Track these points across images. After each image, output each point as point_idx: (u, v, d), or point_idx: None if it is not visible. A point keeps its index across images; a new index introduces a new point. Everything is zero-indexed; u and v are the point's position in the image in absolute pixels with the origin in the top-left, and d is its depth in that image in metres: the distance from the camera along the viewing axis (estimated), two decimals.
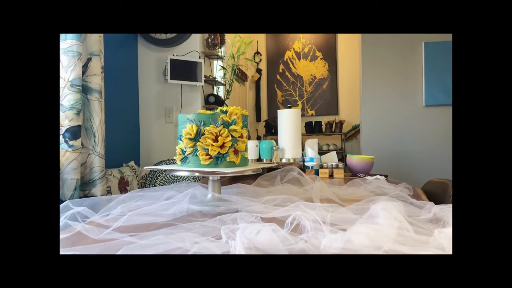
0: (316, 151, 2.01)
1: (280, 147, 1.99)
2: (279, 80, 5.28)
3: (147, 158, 2.66)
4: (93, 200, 0.98)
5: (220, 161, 0.97)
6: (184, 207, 0.95)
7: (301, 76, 5.21)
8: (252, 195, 1.13)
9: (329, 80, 5.14)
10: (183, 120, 1.01)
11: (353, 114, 4.94)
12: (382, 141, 3.09)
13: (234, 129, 0.98)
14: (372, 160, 2.00)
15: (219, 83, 2.89)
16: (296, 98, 5.24)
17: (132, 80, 2.61)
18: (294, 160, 1.96)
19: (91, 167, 1.73)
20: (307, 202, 0.84)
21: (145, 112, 2.68)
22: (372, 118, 3.11)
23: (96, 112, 1.72)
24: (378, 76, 3.08)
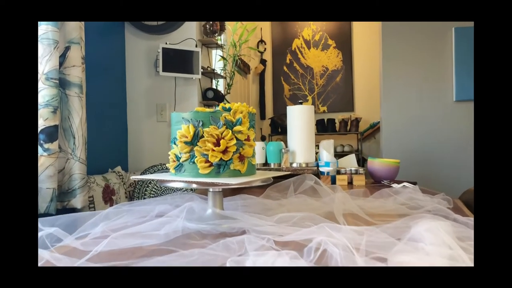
0: (332, 154, 1.93)
1: (290, 149, 1.91)
2: (286, 72, 5.22)
3: (136, 163, 2.61)
4: (68, 218, 0.91)
5: (222, 169, 0.89)
6: (179, 226, 0.88)
7: (311, 67, 5.15)
8: (261, 209, 1.06)
9: (343, 71, 5.07)
10: (177, 119, 0.94)
11: (371, 111, 4.88)
12: (406, 142, 3.01)
13: (239, 131, 0.90)
14: (397, 164, 1.93)
15: (218, 76, 2.83)
16: (305, 92, 5.17)
17: (118, 73, 2.57)
18: (307, 165, 1.89)
19: (70, 174, 1.67)
20: (333, 224, 0.76)
21: (133, 110, 2.63)
22: (394, 115, 3.03)
23: (76, 110, 1.67)
24: (401, 66, 3.01)
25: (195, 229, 0.89)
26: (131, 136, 2.63)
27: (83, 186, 1.68)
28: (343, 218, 0.95)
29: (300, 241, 0.71)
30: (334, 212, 1.01)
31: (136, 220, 1.00)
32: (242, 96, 4.35)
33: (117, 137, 2.52)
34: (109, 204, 1.99)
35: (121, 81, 2.59)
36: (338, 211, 1.01)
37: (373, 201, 1.19)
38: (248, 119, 0.94)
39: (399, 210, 1.10)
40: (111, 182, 2.07)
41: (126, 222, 0.96)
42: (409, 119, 3.00)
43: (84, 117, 1.72)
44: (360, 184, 1.80)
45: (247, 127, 0.92)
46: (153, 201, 1.17)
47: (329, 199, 1.15)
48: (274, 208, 1.05)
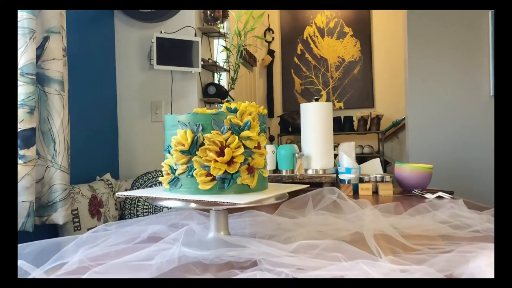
0: (353, 159, 1.86)
1: (305, 154, 1.84)
2: (297, 64, 5.18)
3: (127, 169, 2.57)
4: (39, 245, 0.84)
5: (227, 184, 0.81)
6: (175, 254, 0.80)
7: (326, 58, 5.10)
8: (274, 229, 0.98)
9: (362, 63, 5.01)
10: (172, 123, 0.85)
11: (394, 107, 4.82)
12: (436, 142, 2.94)
13: (247, 137, 0.82)
14: (430, 170, 1.86)
15: (221, 69, 2.79)
16: (319, 86, 5.11)
17: (106, 67, 2.52)
18: (324, 172, 1.82)
19: (51, 185, 1.62)
20: (367, 258, 0.67)
21: (124, 109, 2.60)
22: (422, 111, 2.96)
23: (57, 110, 1.62)
24: (430, 57, 2.93)
25: (194, 257, 0.81)
26: (122, 139, 2.60)
27: (65, 198, 1.62)
28: (374, 241, 0.86)
29: (329, 276, 0.62)
30: (363, 234, 0.93)
31: (123, 245, 0.92)
32: (247, 91, 4.30)
33: (106, 140, 2.48)
34: (96, 218, 1.92)
35: (110, 76, 2.55)
36: (368, 232, 0.93)
37: (407, 218, 1.12)
38: (258, 121, 0.86)
39: (441, 229, 1.03)
40: (98, 192, 2.00)
41: (110, 248, 0.89)
42: (440, 116, 2.93)
43: (66, 118, 1.67)
44: (387, 194, 1.73)
45: (257, 131, 0.84)
46: (145, 219, 1.09)
47: (355, 217, 1.08)
48: (290, 229, 0.97)
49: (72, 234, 1.81)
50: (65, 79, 1.67)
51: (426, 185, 1.82)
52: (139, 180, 2.26)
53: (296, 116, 4.59)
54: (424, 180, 1.82)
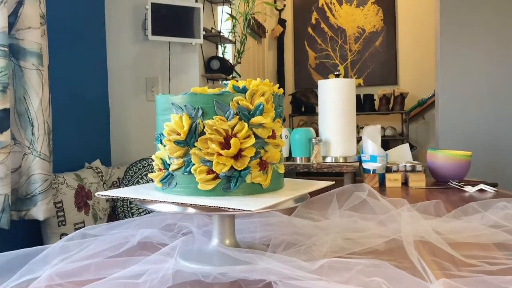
0: (379, 144, 1.77)
1: (323, 139, 1.75)
2: (312, 36, 5.09)
3: (121, 155, 2.53)
4: (4, 257, 0.74)
5: (234, 183, 0.70)
6: (169, 270, 0.70)
7: (344, 28, 5.01)
8: (291, 233, 0.90)
9: (385, 34, 4.91)
10: (164, 105, 0.74)
11: (420, 83, 4.73)
12: (471, 124, 2.88)
13: (259, 123, 0.71)
14: (468, 158, 1.78)
15: (226, 40, 2.74)
16: (336, 61, 5.03)
17: (95, 38, 2.46)
18: (345, 160, 1.74)
19: (29, 175, 1.57)
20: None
21: (116, 86, 2.55)
22: (454, 89, 2.91)
23: (35, 88, 1.56)
24: (464, 26, 2.85)
25: (193, 273, 0.71)
26: (114, 120, 2.56)
27: (46, 190, 1.55)
28: (413, 247, 0.79)
29: None
30: (400, 241, 0.85)
31: (107, 254, 0.83)
32: (255, 66, 4.21)
33: (96, 122, 2.44)
34: (84, 212, 1.83)
35: (99, 48, 2.50)
36: (407, 237, 0.85)
37: (452, 221, 1.02)
38: (273, 104, 0.74)
39: (494, 236, 0.94)
40: (86, 182, 1.92)
41: (90, 259, 0.79)
42: (476, 94, 2.89)
43: (46, 98, 1.59)
44: (419, 186, 1.66)
45: (272, 117, 0.73)
46: (135, 220, 1.00)
47: (388, 218, 0.98)
48: (311, 235, 0.87)
49: (56, 230, 1.73)
50: (44, 52, 1.58)
51: (463, 176, 1.76)
52: (133, 168, 2.17)
53: (310, 94, 4.51)
54: (462, 169, 1.76)
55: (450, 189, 1.60)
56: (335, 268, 0.62)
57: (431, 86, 4.57)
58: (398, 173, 1.70)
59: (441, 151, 1.76)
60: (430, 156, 1.78)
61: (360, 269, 0.61)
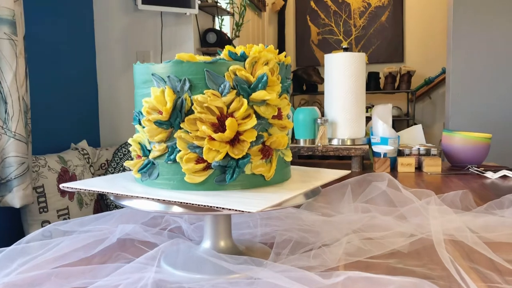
0: (390, 125, 1.65)
1: (330, 119, 1.62)
2: (314, 10, 4.96)
3: (109, 135, 2.47)
4: None
5: (230, 175, 0.57)
6: (149, 280, 0.58)
7: (348, 2, 4.89)
8: (298, 232, 0.78)
9: (391, 8, 4.79)
10: (143, 77, 0.61)
11: (427, 62, 4.63)
12: (484, 105, 2.80)
13: (263, 100, 0.57)
14: (488, 141, 1.67)
15: (223, 12, 2.66)
16: (339, 36, 4.91)
17: (81, 7, 2.35)
18: (353, 142, 1.62)
19: (3, 158, 1.46)
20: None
21: (105, 60, 2.48)
22: (468, 67, 2.82)
23: (7, 60, 1.44)
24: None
25: (177, 283, 0.58)
26: (102, 97, 2.48)
27: (23, 174, 1.44)
28: (444, 248, 0.70)
29: None
30: (428, 241, 0.75)
31: (79, 256, 0.71)
32: (255, 41, 4.11)
33: (82, 99, 2.34)
34: (68, 197, 1.71)
35: (85, 19, 2.39)
36: (437, 235, 0.74)
37: (484, 215, 0.90)
38: (279, 76, 0.61)
39: None
40: (70, 165, 1.79)
41: (59, 261, 0.68)
42: (490, 72, 2.80)
43: (22, 72, 1.47)
44: (434, 172, 1.56)
45: (278, 92, 0.59)
46: (115, 213, 0.87)
47: (410, 211, 0.85)
48: (322, 233, 0.75)
49: (37, 217, 1.61)
50: (18, 19, 1.45)
51: (482, 160, 1.66)
52: (122, 150, 2.04)
53: (312, 72, 4.38)
54: (481, 153, 1.66)
55: (469, 175, 1.50)
56: (353, 278, 0.49)
57: (439, 64, 4.46)
58: (411, 157, 1.59)
59: (458, 133, 1.64)
60: (446, 139, 1.66)
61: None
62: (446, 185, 1.33)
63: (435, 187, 1.28)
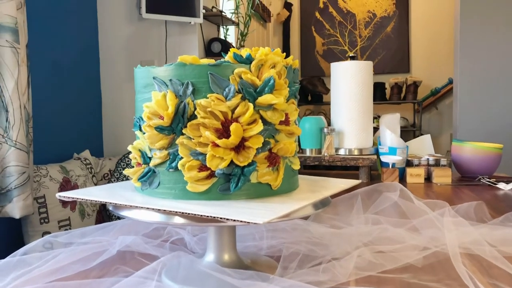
0: (398, 135, 1.62)
1: (336, 128, 1.60)
2: (319, 20, 4.96)
3: (113, 145, 2.46)
4: None
5: (234, 184, 0.54)
6: None
7: (353, 13, 4.88)
8: (306, 245, 0.74)
9: (397, 19, 4.78)
10: (144, 81, 0.58)
11: (433, 72, 4.60)
12: (493, 115, 2.77)
13: (269, 104, 0.55)
14: (499, 151, 1.64)
15: (228, 21, 2.64)
16: (345, 47, 4.90)
17: (84, 15, 2.35)
18: (361, 152, 1.60)
19: (3, 167, 1.44)
20: None
21: (109, 69, 2.47)
22: (475, 77, 2.80)
23: (9, 68, 1.42)
24: (488, 9, 2.72)
25: None
26: (106, 106, 2.47)
27: (23, 184, 1.42)
28: (460, 262, 0.66)
29: None
30: (442, 254, 0.72)
31: (77, 269, 0.68)
32: None
33: (86, 108, 2.33)
34: (70, 208, 1.68)
35: (89, 27, 2.39)
36: (453, 248, 0.71)
37: (498, 227, 0.85)
38: (287, 80, 0.58)
39: None
40: (72, 175, 1.76)
41: (53, 275, 0.65)
42: (499, 81, 2.77)
43: (24, 80, 1.45)
44: (444, 183, 1.53)
45: (285, 96, 0.56)
46: (115, 224, 0.84)
47: (423, 223, 0.82)
48: (331, 246, 0.72)
49: (38, 228, 1.58)
50: (21, 27, 1.43)
51: (493, 171, 1.65)
52: (125, 159, 2.01)
53: (317, 82, 4.36)
54: (492, 164, 1.63)
55: (480, 186, 1.47)
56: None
57: (445, 75, 4.43)
58: (421, 167, 1.57)
59: (468, 143, 1.61)
60: (456, 149, 1.63)
61: None
62: (457, 196, 1.29)
63: (445, 198, 1.24)
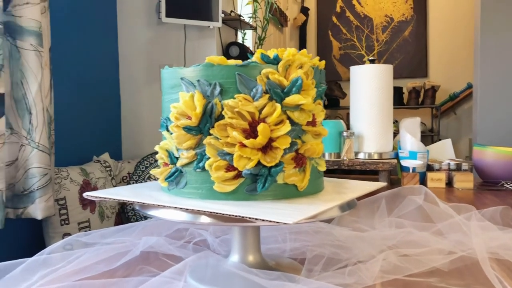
0: (419, 139, 1.61)
1: (356, 132, 1.59)
2: (336, 25, 4.94)
3: (131, 148, 2.47)
4: None
5: (261, 184, 0.54)
6: None
7: (370, 17, 4.85)
8: (330, 248, 0.73)
9: (414, 23, 4.74)
10: (171, 81, 0.59)
11: (451, 77, 4.55)
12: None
13: (297, 105, 0.54)
14: None
15: (246, 25, 2.64)
16: (362, 51, 4.87)
17: (105, 19, 2.38)
18: (381, 156, 1.58)
19: (26, 168, 1.46)
20: None
21: (128, 73, 2.49)
22: (495, 81, 2.75)
23: (33, 71, 1.45)
24: (509, 13, 2.69)
25: None
26: (125, 110, 2.49)
27: (45, 186, 1.43)
28: (495, 273, 0.64)
29: None
30: (469, 258, 0.70)
31: (101, 269, 0.68)
32: None
33: (105, 111, 2.35)
34: (89, 210, 1.70)
35: (109, 32, 2.41)
36: (481, 253, 0.69)
37: None
38: (314, 80, 0.58)
39: None
40: (92, 177, 1.78)
41: (80, 274, 0.66)
42: None
43: (47, 83, 1.48)
44: (465, 187, 1.51)
45: (313, 97, 0.56)
46: (138, 225, 0.84)
47: (448, 227, 0.81)
48: (355, 249, 0.71)
49: (58, 229, 1.60)
50: (44, 31, 1.47)
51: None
52: (144, 162, 2.03)
53: (334, 87, 4.35)
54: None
55: (503, 191, 1.44)
56: None
57: (464, 79, 4.38)
58: (442, 172, 1.55)
59: (490, 148, 1.58)
60: (477, 154, 1.61)
61: None
62: (480, 201, 1.27)
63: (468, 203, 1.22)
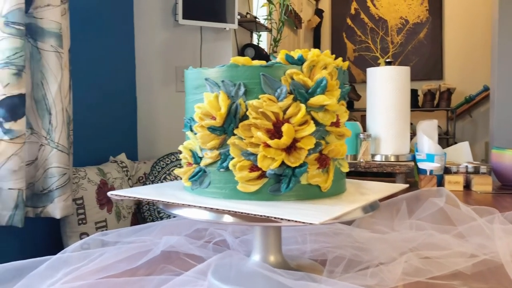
0: (436, 141, 1.60)
1: (373, 134, 1.58)
2: (351, 27, 4.94)
3: (147, 148, 2.47)
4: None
5: (285, 185, 0.54)
6: None
7: (385, 19, 4.84)
8: (350, 249, 0.72)
9: (430, 25, 4.72)
10: (196, 82, 0.59)
11: (467, 79, 4.52)
12: None
13: (321, 105, 0.54)
14: None
15: (261, 27, 2.63)
16: (376, 53, 4.86)
17: (122, 21, 2.39)
18: (397, 159, 1.57)
19: (46, 168, 1.46)
20: None
21: (144, 74, 2.49)
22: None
23: (53, 72, 1.46)
24: None
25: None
26: (141, 111, 2.49)
27: (64, 185, 1.45)
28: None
29: None
30: (495, 263, 0.69)
31: (123, 268, 0.69)
32: None
33: (122, 112, 2.35)
34: (106, 210, 1.71)
35: (126, 33, 2.42)
36: (505, 256, 0.69)
37: None
38: (338, 81, 0.58)
39: None
40: (109, 177, 1.80)
41: (102, 273, 0.67)
42: None
43: (66, 83, 1.49)
44: (484, 191, 1.49)
45: (337, 97, 0.56)
46: (157, 225, 0.85)
47: (469, 229, 0.80)
48: (376, 250, 0.71)
49: (76, 229, 1.62)
50: (64, 33, 1.48)
51: None
52: (160, 163, 2.04)
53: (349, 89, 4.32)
54: None
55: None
56: None
57: (480, 82, 4.33)
58: (459, 174, 1.54)
59: (509, 151, 1.56)
60: (496, 157, 1.60)
61: None
62: (499, 204, 1.25)
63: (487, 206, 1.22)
